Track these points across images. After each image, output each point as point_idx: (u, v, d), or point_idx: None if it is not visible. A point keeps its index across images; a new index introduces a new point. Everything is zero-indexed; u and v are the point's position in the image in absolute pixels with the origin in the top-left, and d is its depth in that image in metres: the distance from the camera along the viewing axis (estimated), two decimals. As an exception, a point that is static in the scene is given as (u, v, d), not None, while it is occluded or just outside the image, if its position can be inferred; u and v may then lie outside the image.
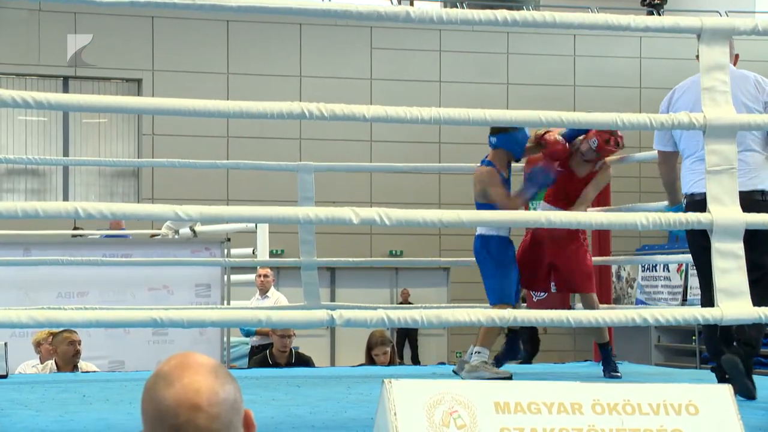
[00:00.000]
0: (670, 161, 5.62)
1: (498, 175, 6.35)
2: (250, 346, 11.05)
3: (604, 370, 6.55)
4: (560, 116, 4.34)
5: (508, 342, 6.77)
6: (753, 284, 4.93)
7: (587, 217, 4.72)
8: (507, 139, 6.36)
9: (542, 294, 6.84)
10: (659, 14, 18.28)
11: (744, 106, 4.98)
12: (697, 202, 5.15)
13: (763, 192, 5.11)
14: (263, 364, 8.88)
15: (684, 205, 5.38)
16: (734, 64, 5.13)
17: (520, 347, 6.91)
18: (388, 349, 8.75)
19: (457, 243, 15.89)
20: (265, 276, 10.93)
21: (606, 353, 6.63)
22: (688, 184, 5.41)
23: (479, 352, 6.26)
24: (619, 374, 6.49)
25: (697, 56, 4.42)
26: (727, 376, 4.98)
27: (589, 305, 6.45)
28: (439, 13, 4.14)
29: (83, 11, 16.48)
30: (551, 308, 4.36)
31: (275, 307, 9.28)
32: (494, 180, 6.35)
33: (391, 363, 8.80)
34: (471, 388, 3.04)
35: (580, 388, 3.07)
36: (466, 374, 6.19)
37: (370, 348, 8.83)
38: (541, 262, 6.48)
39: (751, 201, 4.90)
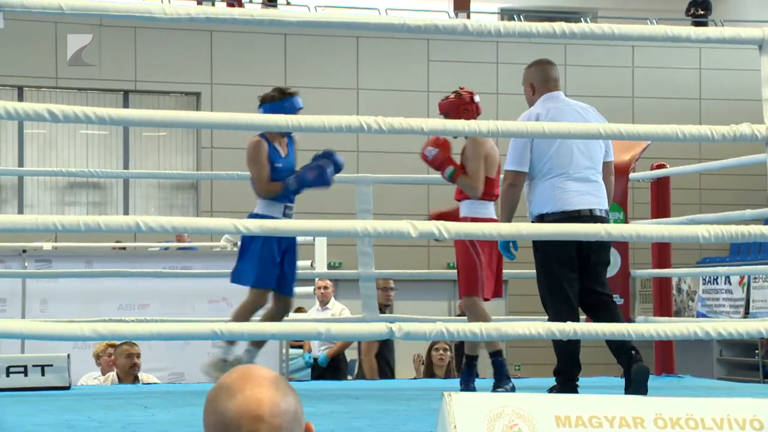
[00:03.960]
0: (521, 183, 5.52)
1: (264, 148, 5.98)
2: (311, 358, 11.07)
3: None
4: (619, 128, 4.31)
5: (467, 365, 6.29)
6: (592, 308, 5.15)
7: (648, 230, 4.68)
8: (272, 109, 5.88)
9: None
10: (705, 25, 18.13)
11: None
12: (587, 218, 5.27)
13: None
14: None
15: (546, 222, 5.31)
16: None
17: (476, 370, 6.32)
18: (448, 352, 8.81)
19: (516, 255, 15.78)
20: (325, 288, 10.97)
21: (498, 363, 6.08)
22: (566, 202, 5.38)
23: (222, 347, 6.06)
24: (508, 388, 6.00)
25: None
26: None
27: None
28: (496, 26, 4.14)
29: (143, 26, 16.66)
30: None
31: (334, 319, 9.30)
32: (257, 153, 5.98)
33: (448, 373, 8.82)
34: (532, 401, 3.02)
35: (642, 402, 3.05)
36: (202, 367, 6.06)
37: (430, 347, 8.97)
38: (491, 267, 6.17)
39: None
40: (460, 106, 6.14)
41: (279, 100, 5.97)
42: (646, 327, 4.34)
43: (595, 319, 5.34)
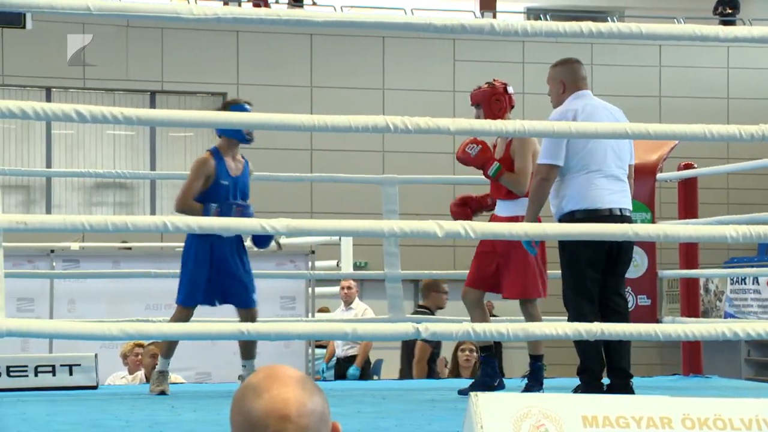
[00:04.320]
0: (554, 178, 5.47)
1: (207, 165, 6.03)
2: (335, 358, 11.09)
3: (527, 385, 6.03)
4: (647, 128, 4.30)
5: (484, 364, 6.23)
6: (610, 312, 5.17)
7: (675, 230, 4.66)
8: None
9: (630, 306, 6.70)
10: (733, 24, 18.02)
11: None
12: (617, 218, 5.27)
13: None
14: None
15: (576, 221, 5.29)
16: None
17: (497, 370, 6.24)
18: (474, 353, 8.80)
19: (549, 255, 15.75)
20: (349, 288, 10.98)
21: (537, 368, 6.10)
22: (598, 199, 5.38)
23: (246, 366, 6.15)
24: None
25: None
26: None
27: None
28: (523, 26, 4.13)
29: (170, 27, 16.71)
30: (640, 320, 4.31)
31: (360, 320, 9.31)
32: (196, 168, 6.05)
33: (474, 374, 8.81)
34: (559, 401, 3.01)
35: (669, 403, 3.03)
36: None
37: (456, 347, 8.96)
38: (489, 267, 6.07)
39: None
40: (492, 96, 6.03)
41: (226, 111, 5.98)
42: (673, 327, 4.32)
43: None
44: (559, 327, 3.96)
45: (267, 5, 17.06)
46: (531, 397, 3.02)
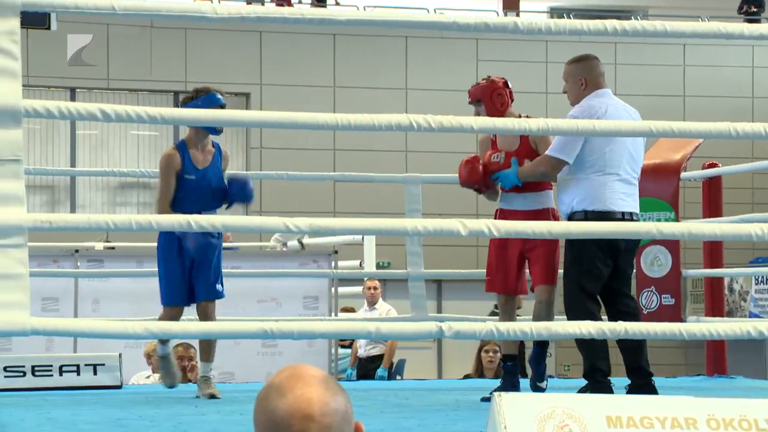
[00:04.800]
0: (557, 173, 5.46)
1: (172, 162, 5.84)
2: (357, 358, 11.11)
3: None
4: (671, 126, 4.28)
5: (507, 373, 5.85)
6: (622, 315, 5.11)
7: (700, 228, 4.63)
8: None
9: (653, 306, 6.66)
10: (758, 22, 17.92)
11: None
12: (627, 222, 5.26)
13: None
14: None
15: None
16: None
17: (518, 382, 5.87)
18: (498, 353, 8.77)
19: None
20: (375, 288, 11.01)
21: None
22: (611, 202, 5.36)
23: None
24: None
25: None
26: None
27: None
28: (547, 24, 4.12)
29: (193, 27, 16.76)
30: (663, 320, 4.29)
31: (384, 319, 9.31)
32: (163, 167, 5.88)
33: (498, 374, 8.79)
34: (582, 401, 3.00)
35: (694, 403, 3.02)
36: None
37: (480, 347, 8.94)
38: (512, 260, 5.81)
39: None
40: (494, 90, 5.84)
41: (193, 100, 5.87)
42: (698, 326, 4.30)
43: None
44: (583, 326, 3.95)
45: (290, 4, 17.08)
46: (555, 398, 3.01)
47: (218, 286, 6.07)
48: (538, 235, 4.07)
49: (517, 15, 18.48)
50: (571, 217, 5.43)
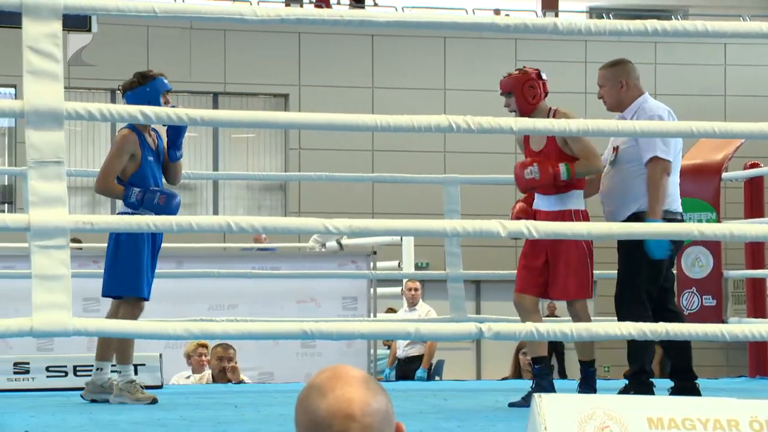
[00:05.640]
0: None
1: (130, 140, 5.56)
2: (396, 359, 11.11)
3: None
4: (712, 126, 4.25)
5: (538, 377, 5.65)
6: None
7: (742, 229, 4.60)
8: (134, 96, 5.57)
9: (695, 307, 6.61)
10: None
11: None
12: (680, 221, 5.25)
13: None
14: None
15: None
16: None
17: (552, 383, 5.70)
18: None
19: (604, 255, 15.65)
20: (416, 290, 11.02)
21: (590, 374, 5.67)
22: (673, 202, 5.35)
23: (121, 372, 5.61)
24: None
25: None
26: None
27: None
28: (587, 25, 4.10)
29: (232, 28, 16.83)
30: (705, 321, 4.27)
31: (423, 320, 9.31)
32: (119, 144, 5.58)
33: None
34: (623, 403, 2.98)
35: (736, 405, 2.99)
36: (114, 398, 5.59)
37: (517, 349, 8.90)
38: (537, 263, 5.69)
39: None
40: (525, 82, 5.63)
41: (141, 86, 5.64)
42: (740, 327, 4.27)
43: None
44: (623, 327, 3.92)
45: (329, 6, 17.11)
46: (596, 399, 3.00)
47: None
48: (578, 236, 4.05)
49: (556, 15, 18.41)
50: (629, 217, 5.35)
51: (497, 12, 17.68)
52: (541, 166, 5.46)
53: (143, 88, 5.63)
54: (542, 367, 5.68)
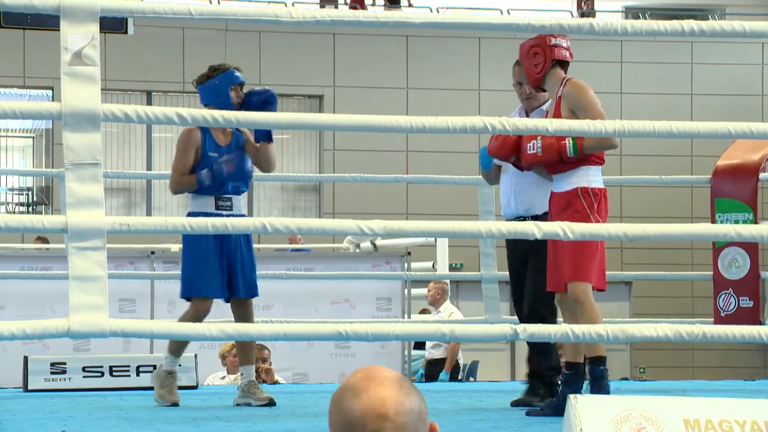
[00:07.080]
0: None
1: (193, 138, 5.58)
2: (424, 359, 11.09)
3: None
4: (750, 127, 4.22)
5: (565, 384, 5.06)
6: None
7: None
8: (205, 89, 5.63)
9: (731, 308, 6.54)
10: None
11: None
12: None
13: None
14: None
15: None
16: None
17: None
18: None
19: (640, 256, 15.58)
20: (437, 291, 10.94)
21: (598, 373, 4.92)
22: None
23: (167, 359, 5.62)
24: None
25: None
26: None
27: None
28: (623, 25, 4.09)
29: (267, 30, 16.88)
30: (741, 322, 4.23)
31: (458, 321, 9.30)
32: (182, 142, 5.60)
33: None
34: (660, 404, 2.97)
35: (774, 407, 2.97)
36: (239, 399, 5.57)
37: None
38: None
39: None
40: (531, 48, 4.99)
41: (210, 78, 5.65)
42: (777, 330, 4.23)
43: None
44: (659, 328, 3.91)
45: (364, 7, 17.12)
46: (632, 400, 2.98)
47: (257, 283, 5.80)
48: (613, 237, 4.04)
49: (593, 15, 18.32)
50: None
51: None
52: (544, 140, 4.81)
53: (212, 80, 5.65)
54: (573, 374, 5.02)
